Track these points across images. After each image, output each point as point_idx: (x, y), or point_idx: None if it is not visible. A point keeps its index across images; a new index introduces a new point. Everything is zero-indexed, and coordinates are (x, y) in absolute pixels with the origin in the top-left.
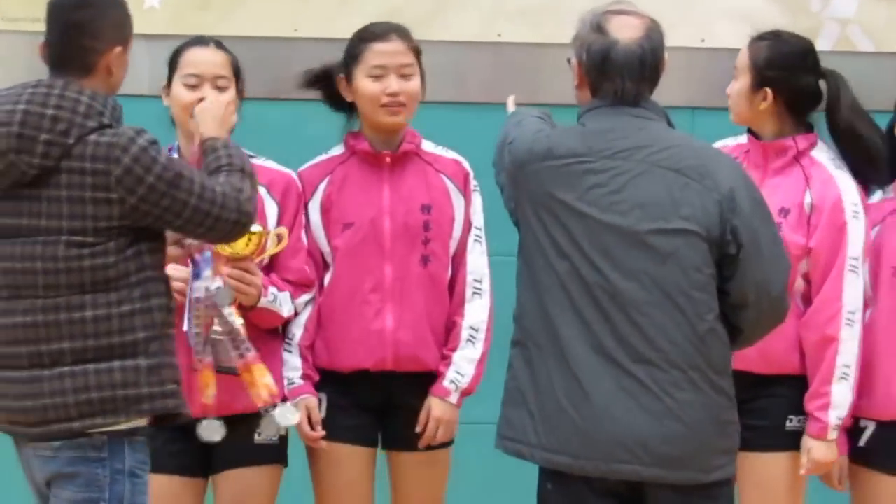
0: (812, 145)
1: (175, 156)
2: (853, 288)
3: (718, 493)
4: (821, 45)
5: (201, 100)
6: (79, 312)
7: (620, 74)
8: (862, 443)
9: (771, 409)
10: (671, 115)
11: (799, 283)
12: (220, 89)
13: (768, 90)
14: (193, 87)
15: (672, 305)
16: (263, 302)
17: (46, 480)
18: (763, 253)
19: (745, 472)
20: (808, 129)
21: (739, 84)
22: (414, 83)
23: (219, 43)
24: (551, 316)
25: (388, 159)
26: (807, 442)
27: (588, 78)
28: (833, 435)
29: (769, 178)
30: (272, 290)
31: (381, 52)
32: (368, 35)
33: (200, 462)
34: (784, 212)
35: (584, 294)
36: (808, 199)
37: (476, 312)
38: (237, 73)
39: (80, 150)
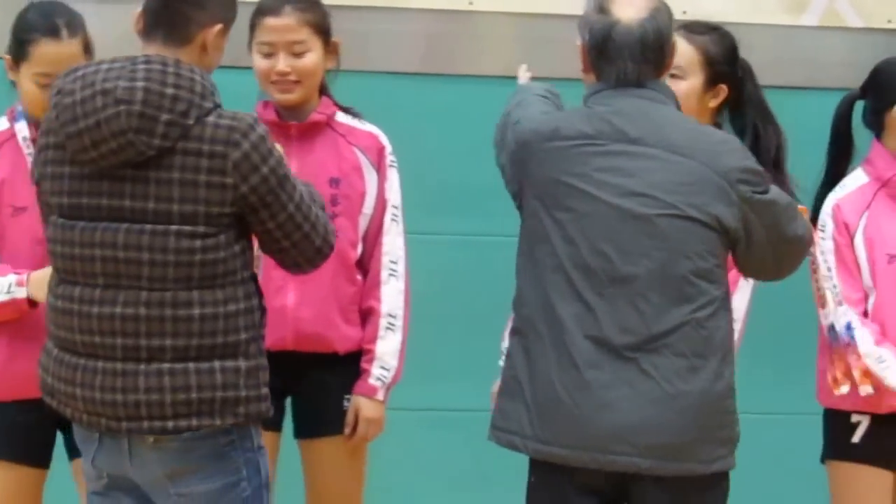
0: None
1: None
2: None
3: (716, 486)
4: (807, 20)
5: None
6: (185, 310)
7: (621, 56)
8: (856, 439)
9: None
10: None
11: None
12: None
13: (723, 86)
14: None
15: (677, 293)
16: None
17: (169, 474)
18: (773, 211)
19: None
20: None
21: (689, 83)
22: (307, 60)
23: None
24: (552, 302)
25: (293, 130)
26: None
27: (590, 59)
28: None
29: None
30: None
31: (270, 29)
32: (260, 7)
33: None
34: None
35: (587, 279)
36: None
37: (393, 297)
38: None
39: (197, 131)
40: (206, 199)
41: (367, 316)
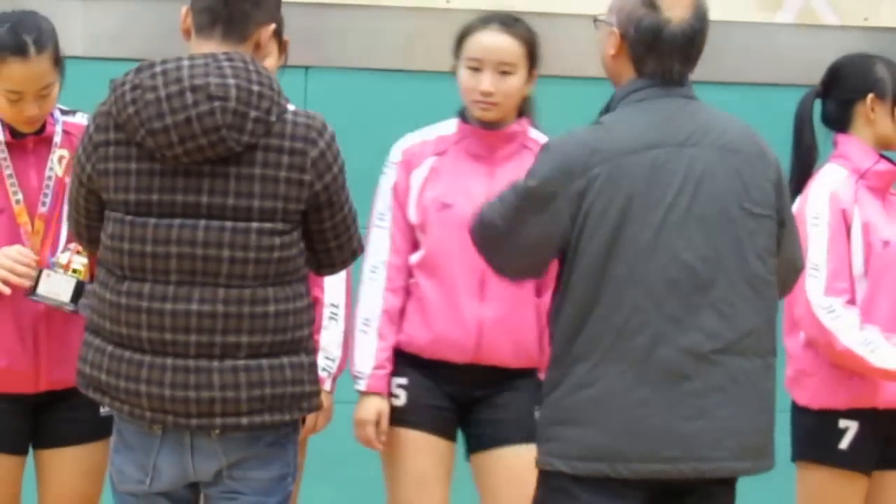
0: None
1: None
2: None
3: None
4: (782, 17)
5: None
6: (262, 307)
7: (671, 55)
8: (843, 446)
9: (516, 402)
10: None
11: None
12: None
13: (535, 71)
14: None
15: (755, 293)
16: None
17: (231, 464)
18: (794, 231)
19: (492, 467)
20: None
21: (519, 77)
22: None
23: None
24: (632, 321)
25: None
26: None
27: (633, 52)
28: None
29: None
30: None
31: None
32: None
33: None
34: None
35: (669, 290)
36: None
37: (335, 286)
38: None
39: (279, 128)
40: (284, 195)
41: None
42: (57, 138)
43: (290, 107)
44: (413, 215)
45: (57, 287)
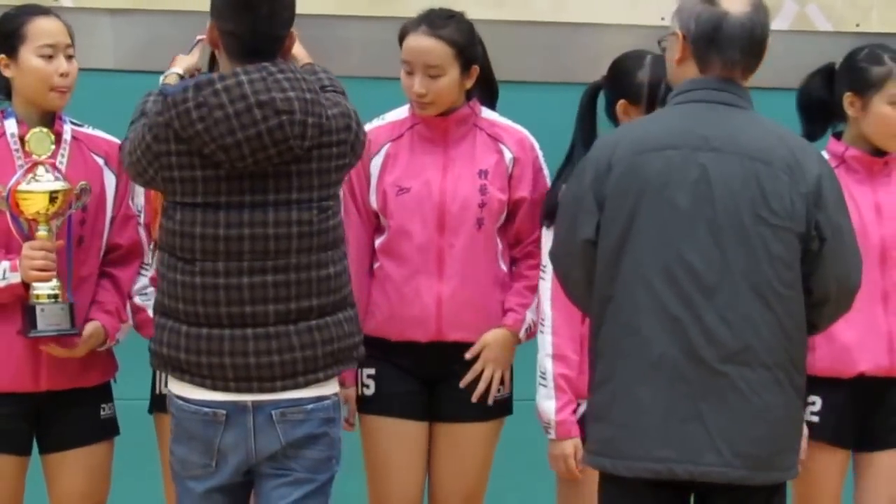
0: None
1: None
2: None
3: (783, 491)
4: (778, 24)
5: None
6: (325, 270)
7: (731, 45)
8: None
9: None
10: None
11: None
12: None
13: (475, 67)
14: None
15: (762, 303)
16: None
17: (290, 444)
18: (846, 246)
19: (447, 442)
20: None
21: (449, 78)
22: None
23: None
24: (636, 318)
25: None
26: None
27: (695, 49)
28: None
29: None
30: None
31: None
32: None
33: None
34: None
35: (673, 291)
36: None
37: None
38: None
39: (328, 126)
40: (335, 181)
41: None
42: (66, 136)
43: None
44: (374, 201)
45: (53, 318)
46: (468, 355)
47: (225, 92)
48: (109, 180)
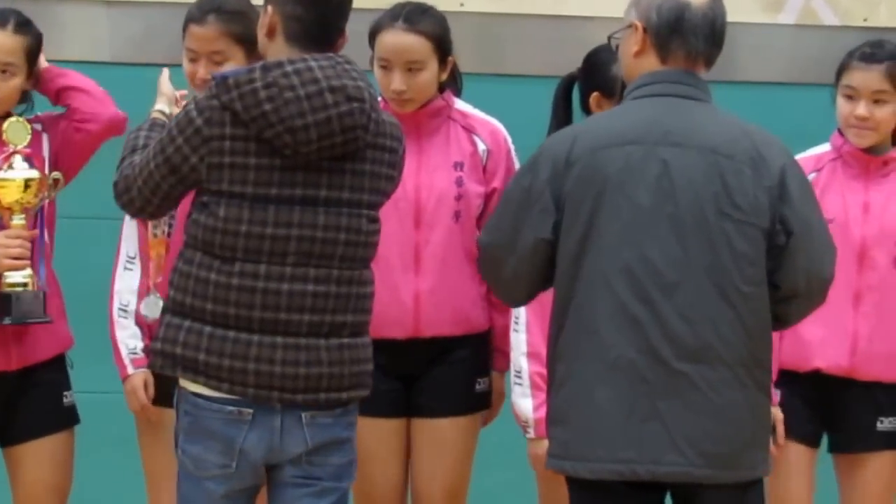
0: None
1: None
2: None
3: (758, 489)
4: (783, 19)
5: None
6: (364, 287)
7: (694, 34)
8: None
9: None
10: None
11: None
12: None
13: (450, 58)
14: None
15: (724, 300)
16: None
17: (315, 447)
18: (814, 239)
19: (426, 437)
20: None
21: (430, 72)
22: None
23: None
24: (595, 319)
25: None
26: None
27: (657, 39)
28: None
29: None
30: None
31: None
32: (189, 14)
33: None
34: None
35: (632, 290)
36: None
37: None
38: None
39: (382, 127)
40: (384, 190)
41: None
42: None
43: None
44: None
45: (26, 305)
46: None
47: (296, 74)
48: (45, 143)
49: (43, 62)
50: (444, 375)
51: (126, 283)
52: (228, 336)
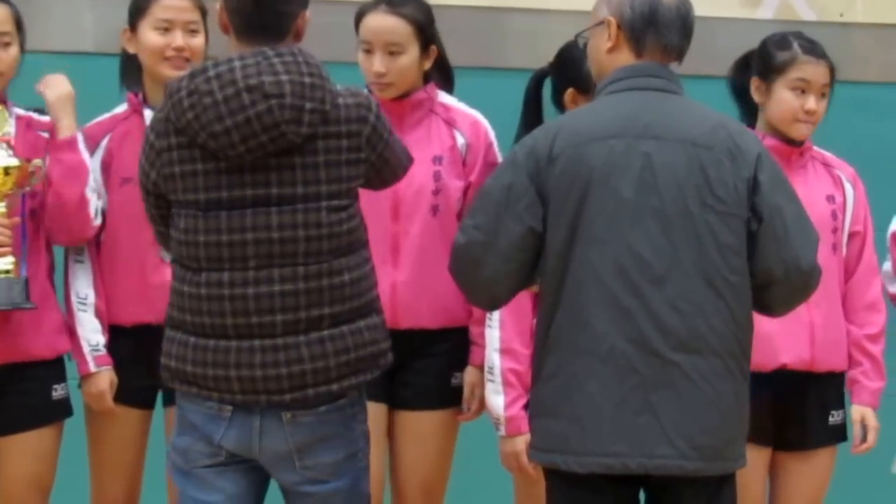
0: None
1: None
2: None
3: (733, 482)
4: (762, 13)
5: None
6: (338, 277)
7: (668, 28)
8: None
9: (432, 368)
10: None
11: None
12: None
13: (433, 47)
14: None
15: (713, 290)
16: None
17: (298, 448)
18: (788, 228)
19: (407, 430)
20: None
21: (409, 56)
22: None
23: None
24: (585, 312)
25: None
26: None
27: (631, 34)
28: None
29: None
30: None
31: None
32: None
33: None
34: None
35: (622, 282)
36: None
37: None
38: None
39: (335, 114)
40: (347, 176)
41: None
42: (10, 112)
43: (338, 87)
44: None
45: (9, 292)
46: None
47: (216, 79)
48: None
49: (64, 129)
50: (425, 368)
51: (79, 276)
52: (209, 345)
